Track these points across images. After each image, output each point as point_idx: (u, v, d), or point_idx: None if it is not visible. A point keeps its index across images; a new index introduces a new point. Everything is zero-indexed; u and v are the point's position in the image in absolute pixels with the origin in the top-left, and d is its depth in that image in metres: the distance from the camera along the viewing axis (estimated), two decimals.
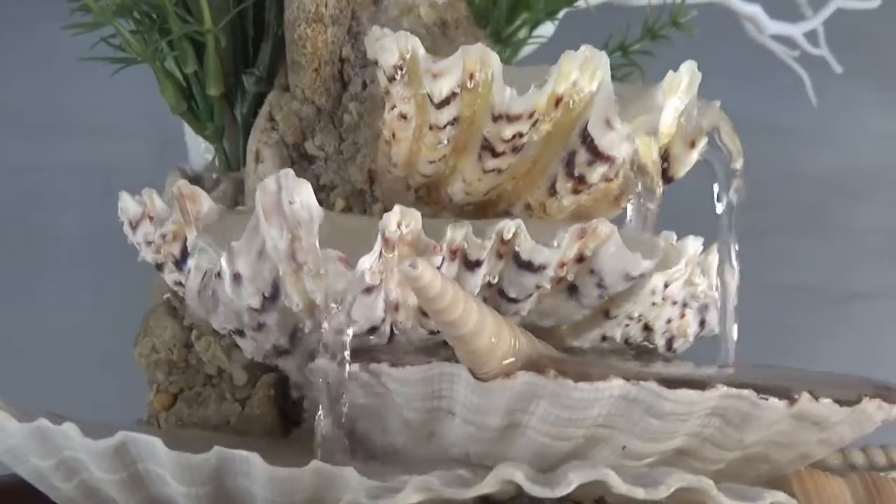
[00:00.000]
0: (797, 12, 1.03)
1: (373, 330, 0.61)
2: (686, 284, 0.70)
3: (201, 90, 0.76)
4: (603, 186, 0.66)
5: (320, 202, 0.70)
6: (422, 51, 0.63)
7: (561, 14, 0.88)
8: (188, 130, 0.78)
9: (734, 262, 0.67)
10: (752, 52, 1.04)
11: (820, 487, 0.63)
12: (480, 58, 0.63)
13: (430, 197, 0.70)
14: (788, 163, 1.39)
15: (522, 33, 0.85)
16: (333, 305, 0.59)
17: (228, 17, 0.74)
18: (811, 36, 1.04)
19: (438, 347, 0.63)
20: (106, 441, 0.55)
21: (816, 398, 0.57)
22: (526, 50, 0.87)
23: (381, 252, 0.59)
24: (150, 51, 0.74)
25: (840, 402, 0.57)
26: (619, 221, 0.67)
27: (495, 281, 0.63)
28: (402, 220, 0.59)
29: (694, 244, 0.68)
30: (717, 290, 0.68)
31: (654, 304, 0.68)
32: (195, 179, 0.77)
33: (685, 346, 0.73)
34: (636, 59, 0.89)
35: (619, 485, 0.52)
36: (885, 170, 1.38)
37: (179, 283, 0.66)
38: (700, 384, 0.55)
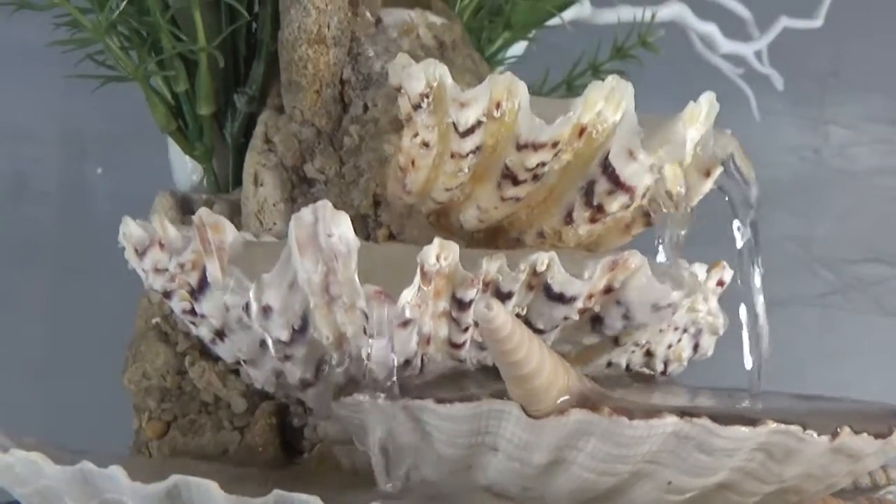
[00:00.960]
0: (744, 30, 1.05)
1: (406, 363, 0.60)
2: (688, 311, 0.70)
3: (191, 109, 0.74)
4: (619, 216, 0.66)
5: None
6: (449, 79, 0.62)
7: (532, 33, 0.87)
8: (173, 150, 0.76)
9: (760, 292, 0.67)
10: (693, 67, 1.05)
11: None
12: (508, 87, 0.63)
13: (439, 223, 0.69)
14: None
15: (501, 53, 0.85)
16: (373, 340, 0.57)
17: (223, 36, 0.72)
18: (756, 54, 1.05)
19: (461, 377, 0.62)
20: (157, 485, 0.53)
21: (857, 432, 0.57)
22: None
23: (419, 286, 0.58)
24: (141, 69, 0.71)
25: (875, 436, 0.58)
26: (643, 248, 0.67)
27: (524, 312, 0.62)
28: (441, 253, 0.58)
29: (700, 271, 0.69)
30: (743, 323, 0.68)
31: (660, 330, 0.69)
32: (184, 201, 0.75)
33: (679, 370, 0.74)
34: None
35: None
36: (800, 180, 1.41)
37: (191, 313, 0.65)
38: (750, 420, 0.55)
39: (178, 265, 0.63)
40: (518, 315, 0.62)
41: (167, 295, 0.65)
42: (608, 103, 0.63)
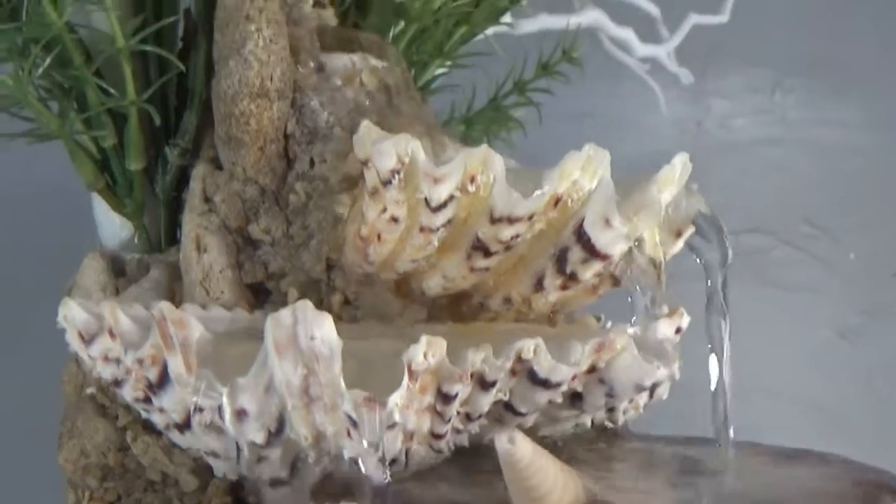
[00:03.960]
0: (653, 28, 1.03)
1: (392, 462, 0.57)
2: None
3: (120, 164, 0.69)
4: (592, 283, 0.64)
5: (269, 291, 0.66)
6: (422, 155, 0.59)
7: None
8: (98, 206, 0.71)
9: (726, 349, 0.66)
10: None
11: None
12: (483, 160, 0.59)
13: (399, 290, 0.66)
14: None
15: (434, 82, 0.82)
16: (361, 445, 0.54)
17: (153, 88, 0.67)
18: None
19: (444, 465, 0.60)
20: None
21: None
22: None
23: (407, 385, 0.55)
24: (66, 127, 0.66)
25: None
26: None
27: (506, 397, 0.60)
28: (428, 351, 0.55)
29: (664, 327, 0.67)
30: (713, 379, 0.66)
31: None
32: (115, 260, 0.70)
33: (635, 417, 0.72)
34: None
35: None
36: (680, 151, 1.40)
37: (144, 401, 0.60)
38: None
39: (136, 360, 0.58)
40: (500, 400, 0.60)
41: (117, 383, 0.61)
42: (584, 172, 0.61)
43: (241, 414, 0.56)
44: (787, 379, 1.37)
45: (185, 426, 0.59)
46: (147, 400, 0.60)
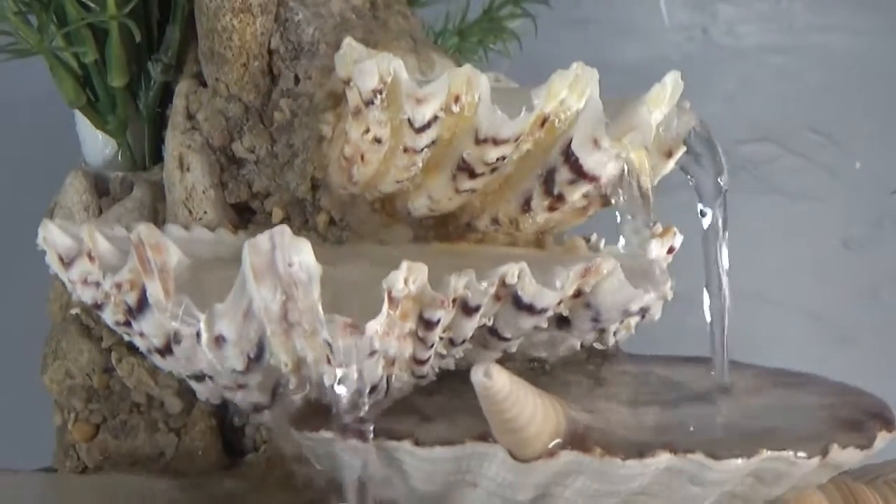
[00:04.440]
0: None
1: (373, 389, 0.56)
2: None
3: (102, 81, 0.67)
4: (581, 204, 0.63)
5: (253, 210, 0.64)
6: (404, 74, 0.58)
7: None
8: (81, 122, 0.69)
9: (724, 279, 0.64)
10: None
11: (800, 501, 0.63)
12: (468, 80, 0.58)
13: (384, 209, 0.65)
14: (596, 53, 1.37)
15: None
16: (339, 371, 0.53)
17: (134, 2, 0.66)
18: None
19: (427, 394, 0.59)
20: None
21: (844, 447, 0.56)
22: None
23: (387, 312, 0.54)
24: (46, 42, 0.65)
25: (861, 447, 0.57)
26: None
27: (490, 322, 0.59)
28: (409, 277, 0.54)
29: (656, 246, 0.66)
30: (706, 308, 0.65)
31: None
32: (98, 179, 0.69)
33: (627, 337, 0.71)
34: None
35: None
36: (688, 60, 1.38)
37: (124, 325, 0.60)
38: (745, 451, 0.53)
39: (115, 285, 0.57)
40: (484, 325, 0.59)
41: (97, 307, 0.60)
42: (572, 91, 0.59)
43: (219, 340, 0.55)
44: (790, 289, 1.36)
45: (166, 350, 0.59)
46: (127, 324, 0.59)
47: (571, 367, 0.67)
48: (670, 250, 0.68)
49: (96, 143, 0.69)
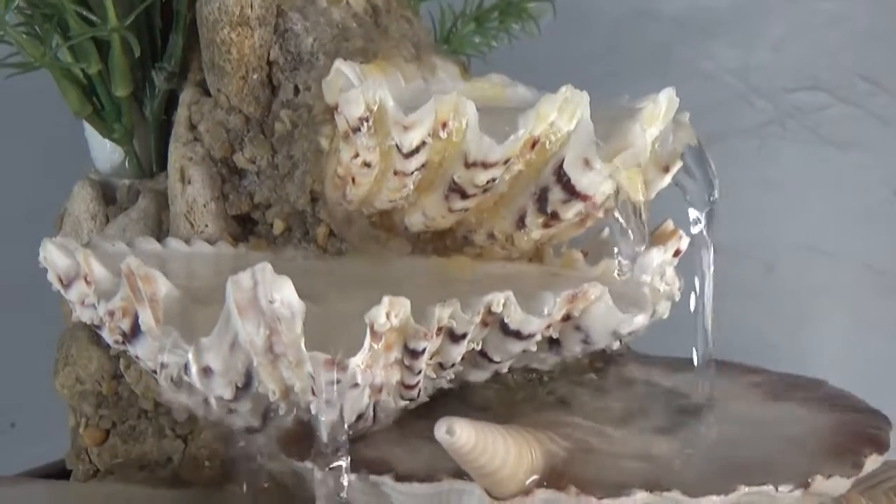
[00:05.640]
0: None
1: (359, 417, 0.57)
2: None
3: (106, 90, 0.68)
4: (576, 220, 0.63)
5: (255, 221, 0.65)
6: (391, 102, 0.58)
7: None
8: (89, 129, 0.70)
9: (709, 287, 0.64)
10: None
11: None
12: (454, 107, 0.58)
13: (382, 223, 0.65)
14: (641, 2, 1.35)
15: None
16: (323, 405, 0.54)
17: (136, 13, 0.66)
18: None
19: (412, 421, 0.60)
20: None
21: (828, 477, 0.56)
22: None
23: (370, 345, 0.54)
24: (49, 55, 0.65)
25: (847, 476, 0.57)
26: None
27: (478, 347, 0.59)
28: (391, 311, 0.54)
29: (658, 255, 0.66)
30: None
31: None
32: (105, 186, 0.70)
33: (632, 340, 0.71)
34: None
35: None
36: (736, 8, 1.36)
37: (122, 345, 0.61)
38: (722, 488, 0.53)
39: (108, 313, 0.58)
40: (473, 350, 0.59)
41: (97, 327, 0.61)
42: (562, 114, 0.59)
43: (207, 371, 0.56)
44: (841, 238, 1.35)
45: (158, 373, 0.60)
46: (125, 345, 0.61)
47: (571, 376, 0.67)
48: (676, 253, 0.68)
49: (104, 150, 0.70)
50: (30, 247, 0.62)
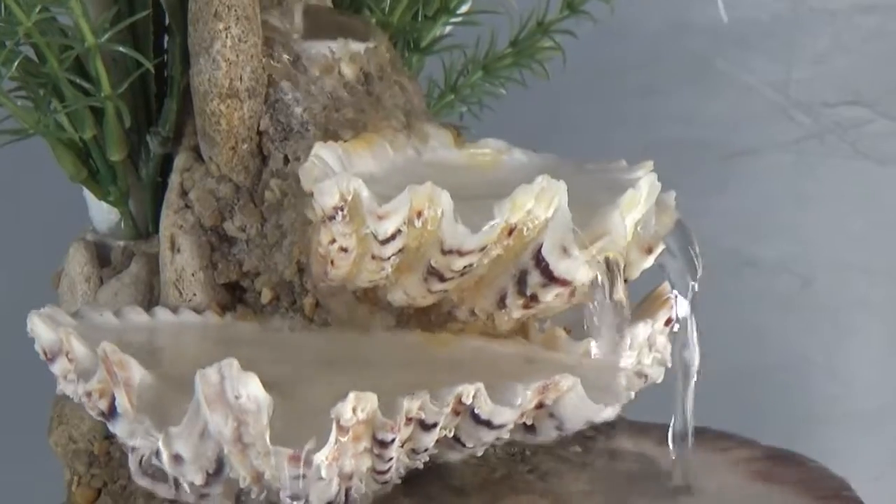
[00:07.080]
0: None
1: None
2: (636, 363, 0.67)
3: (101, 154, 0.69)
4: (557, 304, 0.63)
5: (244, 289, 0.66)
6: (365, 192, 0.58)
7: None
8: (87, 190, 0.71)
9: (696, 362, 0.64)
10: None
11: None
12: (429, 196, 0.58)
13: (366, 297, 0.65)
14: (679, 14, 1.34)
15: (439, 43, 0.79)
16: (288, 500, 0.55)
17: (129, 80, 0.67)
18: None
19: (391, 493, 0.60)
20: None
21: None
22: None
23: (336, 439, 0.55)
24: (44, 123, 0.66)
25: None
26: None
27: (450, 434, 0.59)
28: (357, 406, 0.55)
29: (644, 330, 0.65)
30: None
31: None
32: (100, 247, 0.71)
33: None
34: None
35: None
36: (777, 21, 1.34)
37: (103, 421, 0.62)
38: None
39: (86, 393, 0.59)
40: (446, 437, 0.59)
41: (79, 400, 0.62)
42: (539, 202, 0.59)
43: (177, 458, 0.57)
44: (878, 254, 1.34)
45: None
46: (105, 421, 0.62)
47: (555, 450, 0.67)
48: (667, 322, 0.67)
49: (102, 210, 0.71)
50: None
